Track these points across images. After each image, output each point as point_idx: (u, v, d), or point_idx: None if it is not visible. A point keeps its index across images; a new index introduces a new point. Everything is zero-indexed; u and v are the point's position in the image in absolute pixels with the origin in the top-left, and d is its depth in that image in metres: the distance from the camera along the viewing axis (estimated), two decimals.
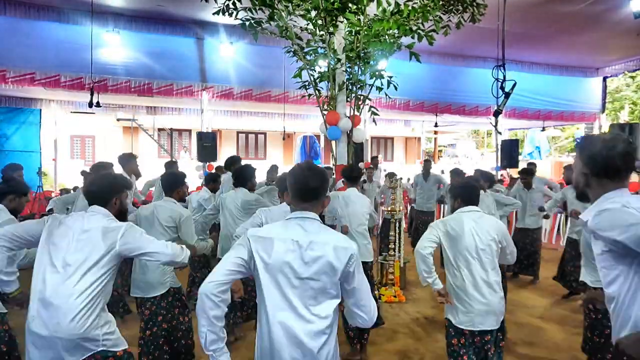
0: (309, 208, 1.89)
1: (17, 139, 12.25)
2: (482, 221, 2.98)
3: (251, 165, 4.66)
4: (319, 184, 1.90)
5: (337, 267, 1.77)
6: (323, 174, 1.93)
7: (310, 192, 1.88)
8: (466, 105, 12.24)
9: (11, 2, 8.19)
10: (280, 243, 1.81)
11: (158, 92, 9.66)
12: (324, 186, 1.93)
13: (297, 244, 1.80)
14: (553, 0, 7.86)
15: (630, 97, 24.27)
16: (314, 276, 1.77)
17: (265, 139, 20.98)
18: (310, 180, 1.88)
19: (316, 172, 1.91)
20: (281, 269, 1.78)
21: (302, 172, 1.91)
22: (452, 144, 30.89)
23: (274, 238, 1.82)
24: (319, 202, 1.92)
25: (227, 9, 5.60)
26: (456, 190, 3.21)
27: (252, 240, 1.83)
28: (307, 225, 1.85)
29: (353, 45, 5.62)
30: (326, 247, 1.78)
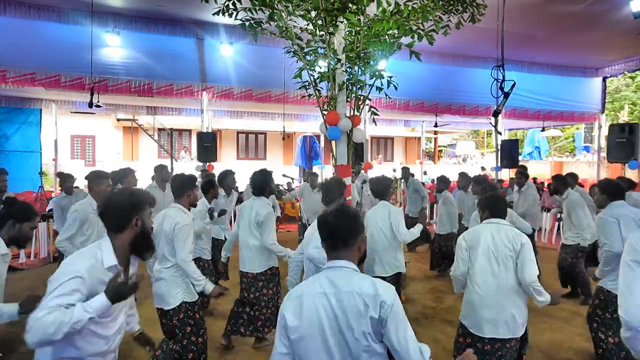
0: (339, 256, 1.77)
1: (18, 139, 12.26)
2: (500, 232, 3.01)
3: (266, 169, 4.62)
4: (347, 230, 1.76)
5: (365, 315, 1.63)
6: (354, 220, 1.79)
7: (337, 241, 1.77)
8: (466, 105, 12.24)
9: (11, 2, 8.19)
10: (307, 300, 1.70)
11: (158, 92, 9.66)
12: (355, 232, 1.78)
13: (324, 297, 1.68)
14: (553, 0, 7.86)
15: (630, 97, 24.29)
16: (346, 331, 1.64)
17: (265, 139, 20.99)
18: (338, 229, 1.76)
19: (345, 218, 1.78)
20: (312, 325, 1.67)
21: (329, 218, 1.79)
22: (452, 144, 30.89)
23: (303, 296, 1.72)
24: (351, 249, 1.78)
25: (227, 9, 5.59)
26: (483, 202, 3.29)
27: (283, 309, 1.74)
28: (336, 276, 1.72)
29: (353, 45, 5.62)
30: (355, 297, 1.65)
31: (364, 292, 1.65)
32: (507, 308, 2.89)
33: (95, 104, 8.06)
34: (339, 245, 1.77)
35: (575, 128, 23.29)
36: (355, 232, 1.79)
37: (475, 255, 2.98)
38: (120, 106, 13.73)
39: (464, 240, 3.12)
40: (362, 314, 1.63)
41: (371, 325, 1.63)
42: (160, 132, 17.68)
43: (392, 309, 1.64)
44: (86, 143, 19.22)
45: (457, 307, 5.75)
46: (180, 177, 3.57)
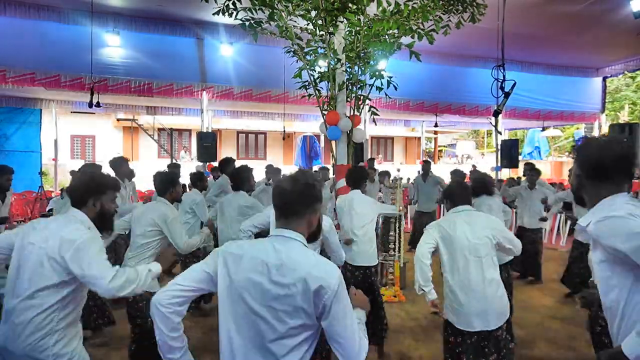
0: (289, 225, 1.61)
1: (17, 139, 12.25)
2: (474, 220, 2.98)
3: (247, 166, 4.67)
4: (297, 198, 1.60)
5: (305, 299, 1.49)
6: (307, 186, 1.62)
7: (287, 207, 1.61)
8: (466, 105, 12.24)
9: (11, 2, 8.19)
10: (247, 261, 1.56)
11: (158, 92, 9.67)
12: (308, 201, 1.62)
13: (265, 266, 1.52)
14: (553, 0, 7.86)
15: (630, 97, 24.29)
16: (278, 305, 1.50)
17: (265, 139, 20.99)
18: (289, 193, 1.60)
19: (298, 184, 1.61)
20: (246, 289, 1.54)
21: (282, 183, 1.65)
22: (452, 144, 30.89)
23: (244, 255, 1.57)
24: (301, 219, 1.62)
25: (227, 9, 5.59)
26: (444, 192, 3.26)
27: (221, 255, 1.61)
28: (281, 245, 1.57)
29: (353, 45, 5.62)
30: (295, 274, 1.49)
31: (309, 270, 1.50)
32: (494, 297, 2.88)
33: (95, 104, 8.07)
34: (288, 213, 1.61)
35: (575, 128, 23.29)
36: (310, 201, 1.63)
37: (456, 246, 2.91)
38: (120, 106, 13.74)
39: (438, 229, 3.00)
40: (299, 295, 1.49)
41: (308, 308, 1.49)
42: (160, 132, 17.69)
43: (333, 293, 1.48)
44: (86, 143, 19.21)
45: None
46: (161, 175, 3.58)
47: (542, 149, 21.23)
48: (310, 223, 1.66)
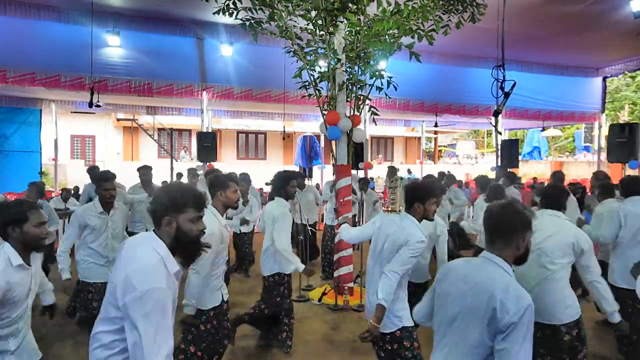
0: (495, 250, 1.82)
1: (17, 139, 12.25)
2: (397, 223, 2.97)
3: (286, 171, 4.54)
4: (504, 225, 1.81)
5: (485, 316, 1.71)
6: (513, 214, 1.81)
7: (494, 233, 1.83)
8: (466, 105, 12.23)
9: (11, 2, 8.18)
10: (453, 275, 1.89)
11: (158, 92, 9.65)
12: (512, 227, 1.80)
13: (464, 282, 1.82)
14: (553, 1, 7.86)
15: (630, 97, 24.29)
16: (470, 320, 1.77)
17: (265, 139, 20.99)
18: (496, 221, 1.83)
19: (506, 211, 1.82)
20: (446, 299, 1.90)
21: (491, 210, 1.86)
22: (452, 144, 30.90)
23: (450, 270, 1.94)
24: (507, 246, 1.80)
25: (227, 9, 5.60)
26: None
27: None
28: (483, 268, 1.81)
29: (353, 45, 5.62)
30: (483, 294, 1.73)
31: (494, 292, 1.69)
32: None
33: (95, 104, 8.06)
34: (494, 239, 1.82)
35: (575, 128, 23.29)
36: (512, 228, 1.80)
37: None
38: (120, 106, 13.73)
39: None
40: (484, 313, 1.70)
41: (488, 327, 1.69)
42: (160, 132, 17.68)
43: (516, 325, 1.63)
44: (86, 143, 19.22)
45: None
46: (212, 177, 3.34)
47: (542, 149, 21.24)
48: (518, 248, 1.81)
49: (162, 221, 1.83)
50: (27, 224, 2.36)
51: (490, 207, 1.87)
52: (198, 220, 1.90)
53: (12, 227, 2.35)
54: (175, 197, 1.86)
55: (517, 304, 1.63)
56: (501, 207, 1.84)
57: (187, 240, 1.86)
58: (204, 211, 1.94)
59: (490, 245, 1.83)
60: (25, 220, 2.36)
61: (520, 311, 1.62)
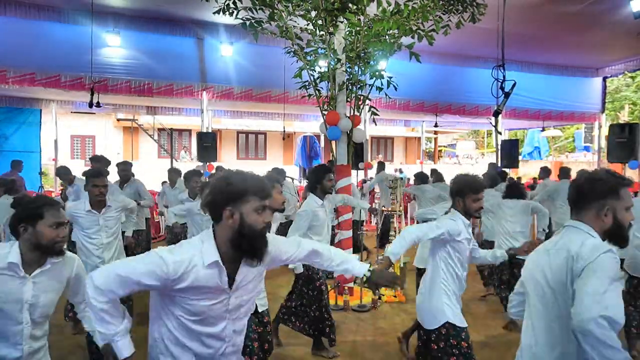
0: (579, 217, 1.79)
1: (17, 139, 12.23)
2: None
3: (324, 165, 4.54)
4: (581, 191, 1.78)
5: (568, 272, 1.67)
6: (589, 180, 1.76)
7: (573, 199, 1.81)
8: (466, 105, 12.23)
9: (11, 2, 8.18)
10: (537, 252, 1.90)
11: (158, 92, 9.65)
12: (588, 194, 1.75)
13: (547, 253, 1.80)
14: (553, 1, 7.86)
15: (630, 97, 24.29)
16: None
17: (265, 139, 20.99)
18: (575, 188, 1.80)
19: (583, 179, 1.78)
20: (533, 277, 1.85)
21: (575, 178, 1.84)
22: (452, 144, 30.90)
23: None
24: (587, 212, 1.76)
25: (227, 9, 5.60)
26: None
27: None
28: (566, 234, 1.79)
29: (353, 45, 5.62)
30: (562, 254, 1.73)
31: (571, 248, 1.67)
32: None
33: (95, 104, 8.06)
34: (572, 207, 1.80)
35: (575, 128, 23.28)
36: (586, 194, 1.75)
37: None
38: (120, 106, 13.72)
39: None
40: (565, 273, 1.65)
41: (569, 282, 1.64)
42: (160, 132, 17.68)
43: (587, 266, 1.58)
44: (86, 143, 19.22)
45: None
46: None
47: (542, 149, 21.24)
48: (602, 218, 1.72)
49: (222, 214, 1.67)
50: (41, 222, 2.02)
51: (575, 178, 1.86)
52: (264, 211, 1.70)
53: (24, 225, 2.01)
54: (237, 184, 1.67)
55: (591, 251, 1.59)
56: (579, 174, 1.83)
57: (252, 234, 1.67)
58: (268, 200, 1.73)
59: (573, 216, 1.81)
60: (40, 217, 2.02)
61: (595, 254, 1.57)
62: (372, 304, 5.53)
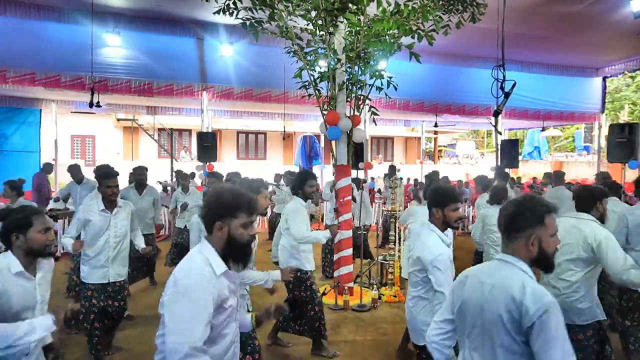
0: (507, 250, 1.76)
1: (17, 139, 12.24)
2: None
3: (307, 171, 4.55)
4: (509, 220, 1.75)
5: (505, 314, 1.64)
6: (519, 206, 1.74)
7: (502, 230, 1.78)
8: (466, 105, 12.24)
9: (11, 2, 8.19)
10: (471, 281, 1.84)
11: (158, 92, 9.66)
12: (517, 222, 1.73)
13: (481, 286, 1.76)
14: (553, 1, 7.86)
15: (630, 97, 24.32)
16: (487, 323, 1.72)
17: (265, 139, 20.99)
18: (503, 216, 1.77)
19: (512, 205, 1.77)
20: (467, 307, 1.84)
21: (504, 206, 1.82)
22: (452, 143, 30.91)
23: (468, 276, 1.87)
24: (516, 243, 1.73)
25: (228, 9, 5.60)
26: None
27: None
28: (498, 268, 1.76)
29: (353, 45, 5.62)
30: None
31: (512, 293, 1.63)
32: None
33: (95, 104, 8.07)
34: (503, 237, 1.78)
35: (575, 128, 23.30)
36: (517, 223, 1.73)
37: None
38: (120, 106, 13.73)
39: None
40: (503, 313, 1.64)
41: (512, 327, 1.62)
42: (160, 132, 17.69)
43: (536, 324, 1.57)
44: (86, 143, 19.22)
45: None
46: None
47: (542, 149, 21.25)
48: (530, 247, 1.71)
49: (213, 227, 1.85)
50: (31, 230, 2.24)
51: (503, 206, 1.84)
52: (249, 226, 1.90)
53: (16, 234, 2.22)
54: (227, 202, 1.86)
55: (535, 303, 1.58)
56: (508, 203, 1.82)
57: (238, 245, 1.87)
58: (254, 216, 1.92)
59: (504, 245, 1.78)
60: (29, 226, 2.24)
61: (540, 309, 1.56)
62: (372, 303, 5.53)
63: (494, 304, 1.67)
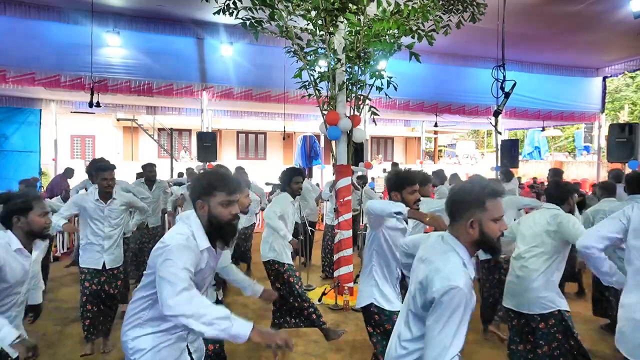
0: (450, 229, 1.80)
1: (17, 139, 12.23)
2: None
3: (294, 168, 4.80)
4: (452, 201, 1.78)
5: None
6: (460, 189, 1.76)
7: (447, 210, 1.80)
8: (466, 105, 12.23)
9: (11, 2, 8.19)
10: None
11: (158, 92, 9.65)
12: (457, 203, 1.76)
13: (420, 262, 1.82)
14: (553, 0, 7.86)
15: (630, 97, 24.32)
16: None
17: (265, 139, 20.98)
18: (448, 197, 1.81)
19: (457, 188, 1.80)
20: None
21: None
22: (452, 144, 30.90)
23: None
24: (457, 223, 1.75)
25: (228, 9, 5.60)
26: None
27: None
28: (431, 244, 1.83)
29: (353, 45, 5.62)
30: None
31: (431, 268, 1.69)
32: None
33: (95, 104, 8.06)
34: (450, 216, 1.78)
35: (575, 128, 23.30)
36: (456, 205, 1.75)
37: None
38: (120, 106, 13.72)
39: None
40: (420, 282, 1.70)
41: (419, 296, 1.70)
42: (160, 132, 17.67)
43: (436, 304, 1.60)
44: (86, 143, 19.20)
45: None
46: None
47: (542, 149, 21.26)
48: (469, 229, 1.71)
49: (196, 205, 1.98)
50: (32, 213, 2.45)
51: (450, 188, 1.87)
52: (229, 204, 1.98)
53: (18, 216, 2.43)
54: (206, 181, 1.99)
55: (442, 283, 1.60)
56: (454, 186, 1.83)
57: (218, 223, 1.97)
58: (236, 195, 2.01)
59: (449, 227, 1.81)
60: (30, 209, 2.45)
61: (442, 289, 1.58)
62: None
63: (419, 272, 1.75)
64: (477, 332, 4.55)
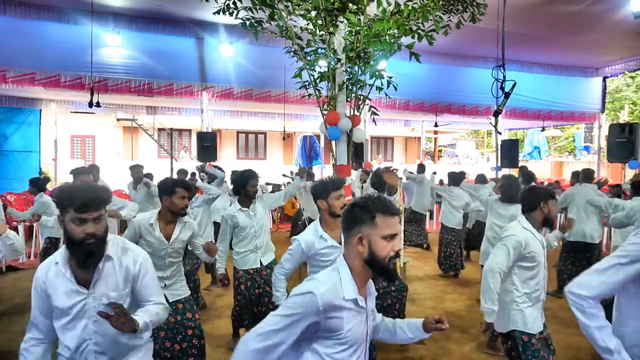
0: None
1: (17, 139, 12.24)
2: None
3: (249, 170, 4.37)
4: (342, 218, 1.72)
5: None
6: (350, 206, 1.66)
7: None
8: (466, 105, 12.24)
9: (11, 2, 8.19)
10: None
11: (158, 92, 9.66)
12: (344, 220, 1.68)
13: None
14: (553, 1, 7.86)
15: (630, 97, 24.32)
16: None
17: (265, 139, 20.98)
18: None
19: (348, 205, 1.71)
20: None
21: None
22: (452, 144, 30.91)
23: None
24: (347, 241, 1.66)
25: (227, 9, 5.60)
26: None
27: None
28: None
29: (353, 45, 5.62)
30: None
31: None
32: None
33: (95, 104, 8.06)
34: (343, 232, 1.66)
35: (575, 128, 23.30)
36: (348, 221, 1.63)
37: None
38: (120, 106, 13.73)
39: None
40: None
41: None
42: (160, 132, 17.67)
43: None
44: (86, 143, 19.20)
45: (459, 309, 5.75)
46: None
47: (542, 149, 21.26)
48: (357, 245, 1.61)
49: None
50: (174, 195, 3.14)
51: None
52: (82, 223, 1.81)
53: (165, 196, 3.15)
54: (59, 197, 1.85)
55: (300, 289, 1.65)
56: (355, 199, 1.74)
57: (71, 241, 1.83)
58: (87, 214, 1.81)
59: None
60: (173, 193, 3.14)
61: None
62: None
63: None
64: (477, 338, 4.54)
